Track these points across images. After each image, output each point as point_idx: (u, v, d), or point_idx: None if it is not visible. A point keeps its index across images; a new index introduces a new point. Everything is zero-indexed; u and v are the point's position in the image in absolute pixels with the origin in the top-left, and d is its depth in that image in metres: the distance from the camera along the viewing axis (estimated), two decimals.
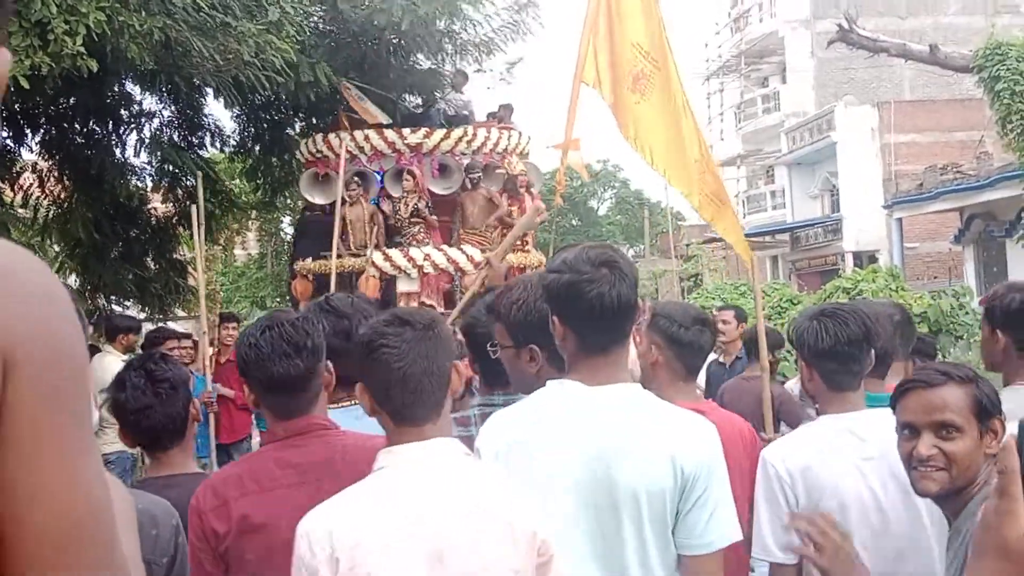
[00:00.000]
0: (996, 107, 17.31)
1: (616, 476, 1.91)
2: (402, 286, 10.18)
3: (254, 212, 17.19)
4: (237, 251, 28.86)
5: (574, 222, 47.87)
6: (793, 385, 5.99)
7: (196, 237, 7.01)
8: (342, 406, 2.58)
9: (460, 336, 2.90)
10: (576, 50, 6.85)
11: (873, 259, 26.64)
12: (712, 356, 6.47)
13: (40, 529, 0.73)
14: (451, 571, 1.74)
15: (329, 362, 2.26)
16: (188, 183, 12.24)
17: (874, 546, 2.36)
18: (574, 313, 1.99)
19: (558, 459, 1.95)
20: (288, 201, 16.69)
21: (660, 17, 7.37)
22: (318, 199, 10.58)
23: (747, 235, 34.53)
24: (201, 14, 7.09)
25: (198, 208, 7.02)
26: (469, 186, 10.63)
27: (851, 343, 2.49)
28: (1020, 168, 18.38)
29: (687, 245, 31.21)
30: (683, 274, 28.93)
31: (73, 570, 0.75)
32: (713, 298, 17.79)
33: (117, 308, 13.08)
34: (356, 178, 10.33)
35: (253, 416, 7.97)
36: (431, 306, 9.80)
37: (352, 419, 2.53)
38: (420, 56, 11.06)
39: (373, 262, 9.90)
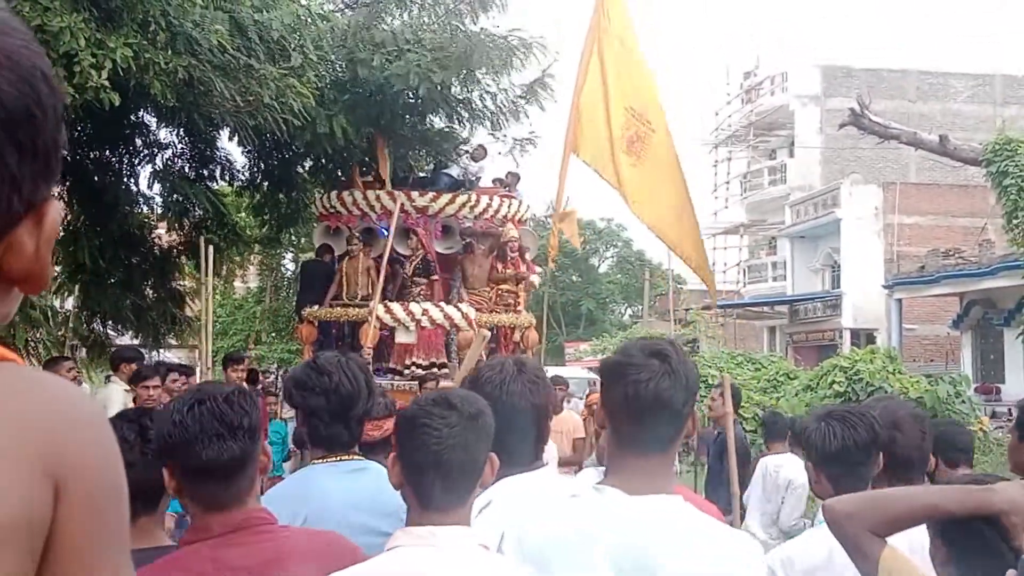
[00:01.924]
0: (1004, 202, 17.53)
1: None
2: (400, 337, 10.81)
3: (257, 246, 17.25)
4: (236, 284, 28.84)
5: (574, 278, 47.99)
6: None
7: (205, 286, 7.08)
8: (328, 461, 2.54)
9: None
10: (567, 121, 6.97)
11: (871, 338, 26.64)
12: None
13: None
14: None
15: (267, 444, 2.04)
16: (195, 214, 12.29)
17: None
18: (612, 399, 1.89)
19: (593, 568, 1.81)
20: (292, 238, 16.72)
21: (653, 82, 7.49)
22: (337, 248, 11.52)
23: (745, 304, 34.45)
24: (226, 55, 7.16)
25: (205, 263, 7.07)
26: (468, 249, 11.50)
27: (859, 448, 2.44)
28: (1022, 258, 18.49)
29: (686, 310, 31.23)
30: (680, 339, 28.92)
31: None
32: (709, 366, 17.73)
33: (112, 334, 13.06)
34: (357, 234, 11.26)
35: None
36: (423, 366, 10.56)
37: (340, 473, 2.50)
38: (435, 118, 11.35)
39: (374, 313, 10.39)
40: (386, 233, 11.20)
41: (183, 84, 7.05)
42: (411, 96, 9.93)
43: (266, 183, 13.03)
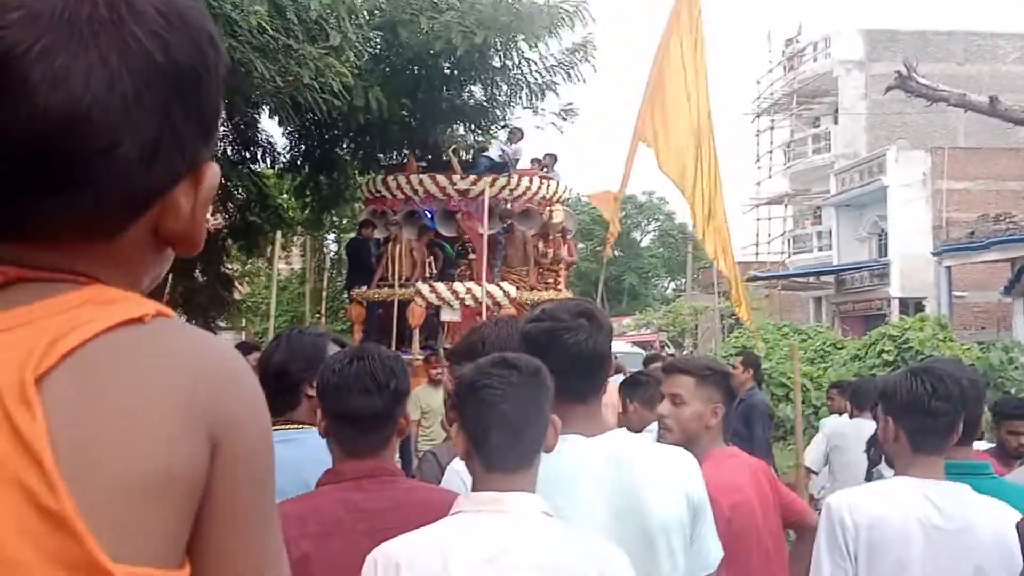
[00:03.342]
0: None
1: (646, 516, 2.03)
2: (445, 316, 11.32)
3: (300, 228, 17.41)
4: (280, 266, 29.15)
5: (616, 254, 47.79)
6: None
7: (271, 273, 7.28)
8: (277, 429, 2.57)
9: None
10: (639, 110, 6.95)
11: (920, 306, 26.21)
12: None
13: None
14: None
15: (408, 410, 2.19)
16: (239, 197, 12.43)
17: None
18: (552, 360, 2.01)
19: (588, 514, 2.00)
20: (334, 219, 16.86)
21: (704, 67, 7.44)
22: (377, 233, 12.19)
23: (791, 275, 34.17)
24: (265, 36, 7.20)
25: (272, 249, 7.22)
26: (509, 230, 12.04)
27: (949, 401, 2.37)
28: None
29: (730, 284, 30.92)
30: (724, 312, 28.68)
31: None
32: (754, 338, 17.54)
33: None
34: (399, 218, 11.89)
35: None
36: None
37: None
38: (473, 89, 11.36)
39: (420, 292, 10.92)
40: (429, 217, 11.79)
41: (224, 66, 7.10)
42: (449, 66, 9.90)
43: (307, 165, 13.15)
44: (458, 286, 11.27)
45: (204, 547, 0.76)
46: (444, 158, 12.42)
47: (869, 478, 4.80)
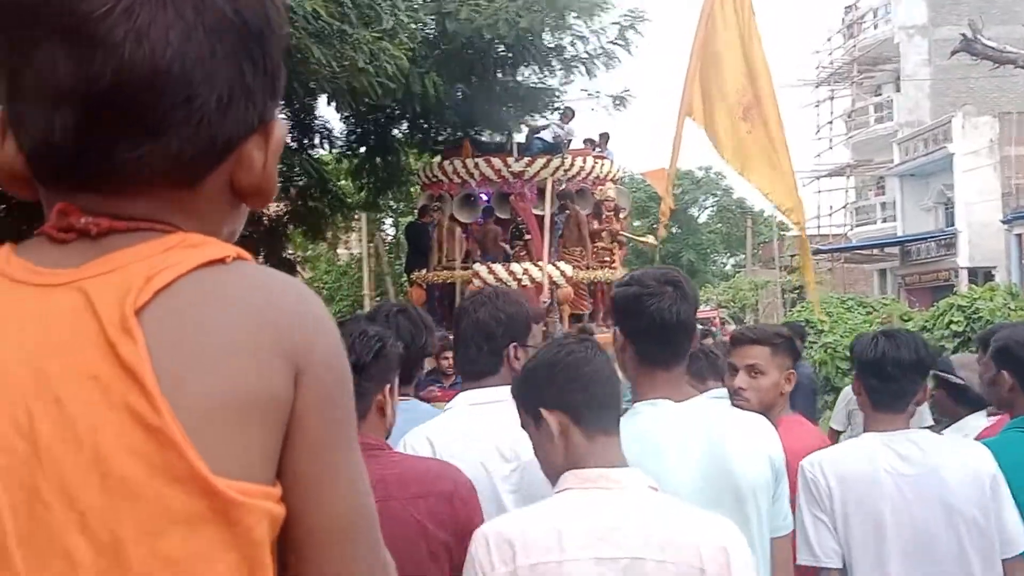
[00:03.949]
0: None
1: (737, 478, 2.10)
2: None
3: (358, 212, 17.60)
4: (340, 250, 29.48)
5: (674, 230, 47.35)
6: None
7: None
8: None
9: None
10: (683, 84, 6.85)
11: (989, 276, 25.53)
12: None
13: (326, 521, 0.83)
14: None
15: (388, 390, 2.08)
16: (299, 183, 12.60)
17: (914, 563, 2.45)
18: (636, 326, 2.17)
19: (679, 477, 2.04)
20: (391, 202, 17.00)
21: (762, 50, 7.31)
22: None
23: (854, 247, 33.51)
24: (319, 22, 7.27)
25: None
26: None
27: (899, 364, 2.54)
28: None
29: (791, 256, 30.49)
30: (786, 286, 28.28)
31: (353, 561, 0.85)
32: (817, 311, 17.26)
33: None
34: (436, 203, 12.25)
35: None
36: None
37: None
38: (526, 70, 11.39)
39: (478, 273, 11.14)
40: (485, 199, 11.96)
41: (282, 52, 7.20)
42: (501, 48, 9.91)
43: (363, 148, 13.27)
44: (515, 267, 11.43)
45: (292, 470, 0.81)
46: (498, 140, 12.53)
47: None
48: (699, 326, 2.87)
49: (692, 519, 1.79)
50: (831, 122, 37.84)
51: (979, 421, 3.50)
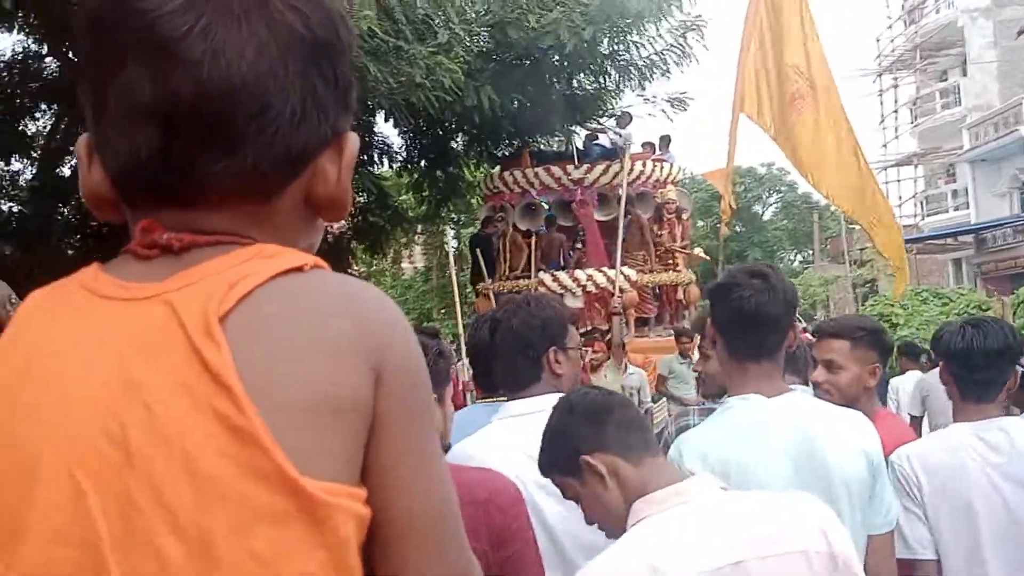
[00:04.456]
0: None
1: (829, 471, 2.08)
2: (568, 302, 11.44)
3: (420, 226, 17.74)
4: (404, 264, 29.79)
5: (738, 228, 46.75)
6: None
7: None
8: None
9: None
10: (735, 80, 6.76)
11: None
12: None
13: (412, 520, 0.84)
14: None
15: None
16: (360, 199, 12.77)
17: (1004, 551, 2.44)
18: (722, 317, 2.22)
19: (771, 470, 2.05)
20: (452, 214, 17.12)
21: (818, 40, 7.16)
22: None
23: (926, 238, 32.65)
24: (375, 39, 7.37)
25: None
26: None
27: (987, 354, 2.53)
28: None
29: (860, 250, 29.88)
30: (857, 280, 27.69)
31: (442, 558, 0.86)
32: (892, 304, 16.88)
33: None
34: (500, 213, 12.33)
35: None
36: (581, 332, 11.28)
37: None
38: (582, 77, 11.41)
39: (543, 282, 11.29)
40: (547, 208, 12.07)
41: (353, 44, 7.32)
42: (557, 58, 9.92)
43: (423, 161, 13.39)
44: (579, 273, 11.49)
45: (377, 471, 0.83)
46: (557, 148, 12.56)
47: None
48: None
49: (778, 508, 1.72)
50: (895, 111, 37.01)
51: None
